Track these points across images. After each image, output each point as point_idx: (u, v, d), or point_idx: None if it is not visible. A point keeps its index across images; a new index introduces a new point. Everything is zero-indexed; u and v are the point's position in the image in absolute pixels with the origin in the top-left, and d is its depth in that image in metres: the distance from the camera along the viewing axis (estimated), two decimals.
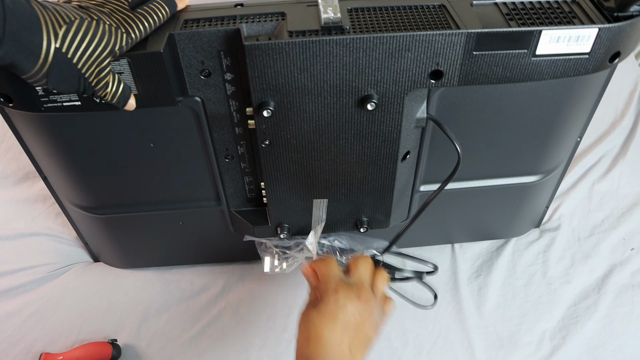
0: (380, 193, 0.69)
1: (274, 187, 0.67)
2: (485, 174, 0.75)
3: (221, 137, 0.65)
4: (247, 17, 0.56)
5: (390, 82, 0.56)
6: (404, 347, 0.80)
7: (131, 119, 0.61)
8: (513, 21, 0.54)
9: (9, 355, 0.80)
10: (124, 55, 0.52)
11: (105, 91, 0.51)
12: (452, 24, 0.53)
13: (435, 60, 0.54)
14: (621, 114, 1.10)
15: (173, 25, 0.55)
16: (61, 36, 0.45)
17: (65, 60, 0.46)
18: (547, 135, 0.69)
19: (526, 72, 0.56)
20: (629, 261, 0.88)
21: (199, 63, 0.56)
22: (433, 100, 0.61)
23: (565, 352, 0.79)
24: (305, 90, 0.56)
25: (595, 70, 0.57)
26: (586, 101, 0.67)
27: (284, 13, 0.56)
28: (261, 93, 0.56)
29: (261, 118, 0.58)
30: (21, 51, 0.43)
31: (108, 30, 0.49)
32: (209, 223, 0.79)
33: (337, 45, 0.52)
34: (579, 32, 0.53)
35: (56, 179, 0.73)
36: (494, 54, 0.54)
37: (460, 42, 0.53)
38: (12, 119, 0.64)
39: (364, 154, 0.64)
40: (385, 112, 0.59)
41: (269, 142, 0.61)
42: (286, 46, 0.52)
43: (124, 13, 0.52)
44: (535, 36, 0.53)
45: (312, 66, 0.54)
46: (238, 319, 0.84)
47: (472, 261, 0.90)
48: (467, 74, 0.56)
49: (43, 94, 0.55)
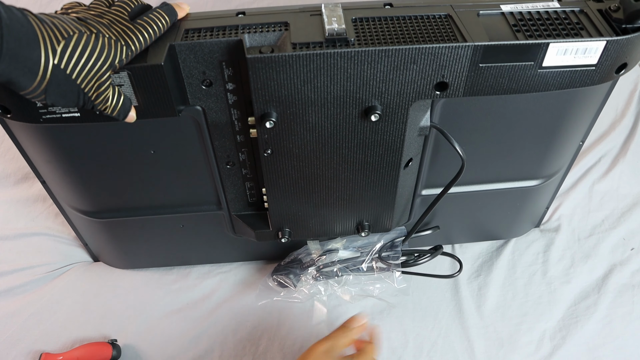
0: (383, 199, 0.69)
1: (276, 193, 0.67)
2: (487, 179, 0.75)
3: (222, 144, 0.64)
4: (250, 27, 0.55)
5: (395, 94, 0.55)
6: (404, 347, 0.81)
7: (132, 129, 0.60)
8: (520, 33, 0.53)
9: (9, 355, 0.80)
10: (124, 68, 0.51)
11: (105, 105, 0.50)
12: (458, 36, 0.53)
13: (441, 72, 0.53)
14: (621, 114, 1.09)
15: (174, 36, 0.53)
16: (59, 52, 0.44)
17: (64, 76, 0.45)
18: (550, 141, 0.68)
19: (532, 83, 0.55)
20: (629, 261, 0.88)
21: (201, 73, 0.55)
22: (436, 109, 0.61)
23: (565, 352, 0.79)
24: (308, 101, 0.55)
25: (601, 81, 0.56)
26: (590, 109, 0.66)
27: (287, 23, 0.55)
28: (264, 104, 0.55)
29: (263, 129, 0.57)
30: (19, 68, 0.43)
31: (107, 44, 0.48)
32: (209, 226, 0.78)
33: (341, 58, 0.51)
34: (587, 45, 0.52)
35: (56, 185, 0.73)
36: (500, 66, 0.53)
37: (466, 54, 0.52)
38: (11, 128, 0.63)
39: (367, 162, 0.63)
40: (389, 123, 0.58)
41: (271, 151, 0.61)
42: (290, 59, 0.51)
43: (123, 24, 0.51)
44: (543, 49, 0.52)
45: (316, 78, 0.53)
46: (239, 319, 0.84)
47: (472, 261, 0.90)
48: (472, 86, 0.55)
49: (41, 106, 0.54)
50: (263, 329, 0.83)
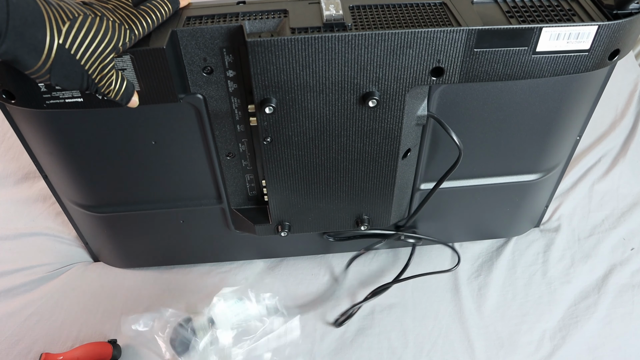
0: (381, 190, 0.70)
1: (275, 184, 0.68)
2: (485, 172, 0.75)
3: (223, 134, 0.65)
4: (250, 14, 0.56)
5: (392, 79, 0.56)
6: (404, 347, 0.80)
7: (133, 116, 0.61)
8: (513, 18, 0.54)
9: (9, 355, 0.80)
10: (126, 52, 0.52)
11: (108, 88, 0.51)
12: (453, 21, 0.54)
13: (437, 57, 0.55)
14: (621, 114, 1.10)
15: (176, 22, 0.55)
16: (64, 32, 0.46)
17: (69, 56, 0.47)
18: (547, 132, 0.69)
19: (526, 69, 0.56)
20: (629, 261, 0.88)
21: (202, 60, 0.56)
22: (434, 98, 0.62)
23: (565, 352, 0.79)
24: (307, 87, 0.56)
25: (595, 67, 0.57)
26: (586, 99, 0.67)
27: (286, 10, 0.56)
28: (263, 90, 0.56)
29: (263, 115, 0.58)
30: (24, 47, 0.44)
31: (111, 27, 0.49)
32: (209, 221, 0.79)
33: (339, 41, 0.53)
34: (579, 30, 0.54)
35: (57, 178, 0.73)
36: (494, 51, 0.55)
37: (461, 39, 0.53)
38: (14, 116, 0.64)
39: (365, 151, 0.64)
40: (387, 109, 0.59)
41: (270, 139, 0.61)
42: (288, 43, 0.52)
43: (127, 9, 0.52)
44: (536, 33, 0.53)
45: (314, 63, 0.54)
46: None
47: (472, 261, 0.90)
48: (467, 71, 0.56)
49: (45, 90, 0.55)
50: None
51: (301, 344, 0.80)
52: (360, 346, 0.80)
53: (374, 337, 0.81)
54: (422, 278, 0.86)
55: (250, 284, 0.87)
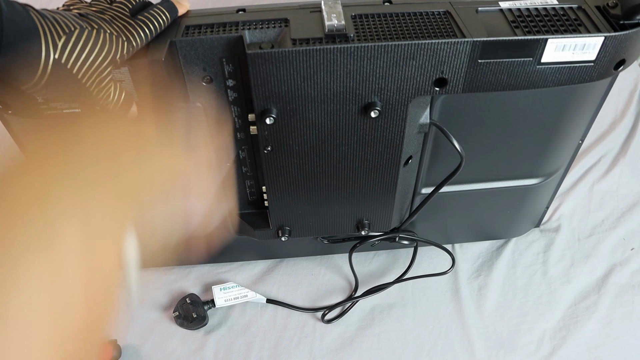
0: (382, 197, 0.69)
1: (276, 191, 0.67)
2: (486, 177, 0.75)
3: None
4: (250, 24, 0.55)
5: (394, 90, 0.55)
6: (404, 347, 0.81)
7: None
8: (519, 29, 0.53)
9: None
10: (124, 64, 0.51)
11: (106, 100, 0.50)
12: (457, 31, 0.53)
13: (440, 68, 0.54)
14: (621, 114, 1.09)
15: (174, 32, 0.54)
16: (60, 47, 0.45)
17: (65, 70, 0.46)
18: (549, 139, 0.69)
19: (531, 79, 0.56)
20: (629, 261, 0.88)
21: (201, 70, 0.55)
22: (436, 106, 0.61)
23: (565, 352, 0.79)
24: (308, 97, 0.55)
25: (599, 77, 0.57)
26: (589, 106, 0.66)
27: (287, 19, 0.55)
28: (264, 100, 0.55)
29: (263, 125, 0.57)
30: (19, 62, 0.43)
31: (109, 40, 0.48)
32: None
33: (341, 53, 0.52)
34: (585, 41, 0.53)
35: None
36: (499, 62, 0.54)
37: (465, 50, 0.52)
38: (11, 124, 0.63)
39: (366, 159, 0.63)
40: (389, 119, 0.58)
41: (270, 148, 0.61)
42: (289, 54, 0.51)
43: (124, 20, 0.51)
44: (541, 45, 0.53)
45: (316, 74, 0.53)
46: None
47: (472, 261, 0.90)
48: (471, 82, 0.55)
49: (42, 101, 0.54)
50: (264, 328, 0.83)
51: (301, 344, 0.80)
52: (360, 346, 0.81)
53: (374, 337, 0.82)
54: (422, 278, 0.86)
55: (250, 284, 0.88)
